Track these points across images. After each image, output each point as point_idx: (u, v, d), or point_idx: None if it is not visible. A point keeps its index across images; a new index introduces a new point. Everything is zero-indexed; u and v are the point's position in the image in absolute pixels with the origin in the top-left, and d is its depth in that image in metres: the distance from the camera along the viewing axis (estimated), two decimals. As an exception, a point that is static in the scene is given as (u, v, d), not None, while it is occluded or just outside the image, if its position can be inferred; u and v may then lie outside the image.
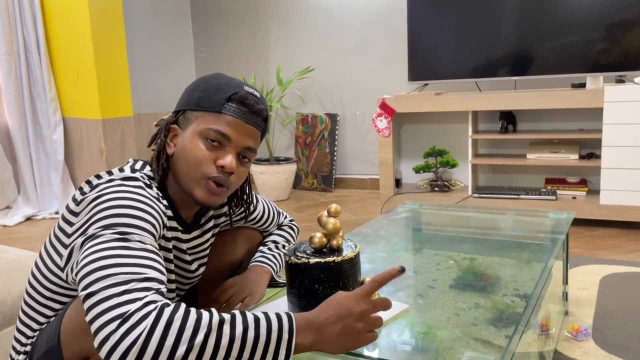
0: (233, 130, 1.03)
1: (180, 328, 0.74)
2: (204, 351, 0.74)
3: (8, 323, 1.39)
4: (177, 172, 1.06)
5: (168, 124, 1.09)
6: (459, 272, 1.38)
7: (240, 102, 1.04)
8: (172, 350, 0.73)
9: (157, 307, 0.75)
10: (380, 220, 1.93)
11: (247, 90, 1.06)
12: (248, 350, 0.77)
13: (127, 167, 1.04)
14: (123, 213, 0.88)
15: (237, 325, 0.78)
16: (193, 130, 1.04)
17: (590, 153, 3.17)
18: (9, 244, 2.88)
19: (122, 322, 0.74)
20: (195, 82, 1.10)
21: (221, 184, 1.04)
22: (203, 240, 1.19)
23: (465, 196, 3.36)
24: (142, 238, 0.87)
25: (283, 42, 4.51)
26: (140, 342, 0.72)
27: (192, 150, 1.03)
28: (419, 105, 3.39)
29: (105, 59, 3.65)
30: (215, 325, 0.76)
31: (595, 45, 3.05)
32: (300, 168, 4.43)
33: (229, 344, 0.76)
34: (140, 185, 0.97)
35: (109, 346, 0.73)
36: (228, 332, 0.76)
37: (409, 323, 1.07)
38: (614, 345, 1.66)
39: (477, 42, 3.35)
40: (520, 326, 1.04)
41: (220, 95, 1.04)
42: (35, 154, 3.76)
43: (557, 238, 1.64)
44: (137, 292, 0.77)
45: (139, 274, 0.80)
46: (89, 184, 0.99)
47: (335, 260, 0.99)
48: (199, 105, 1.05)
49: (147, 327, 0.73)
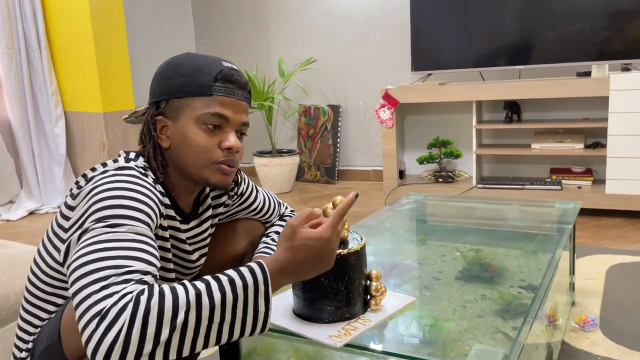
0: (229, 109, 1.02)
1: (160, 313, 0.74)
2: (187, 327, 0.76)
3: (11, 318, 1.39)
4: (180, 163, 1.05)
5: (153, 117, 1.05)
6: (465, 263, 1.36)
7: (227, 80, 1.02)
8: (155, 336, 0.73)
9: (132, 297, 0.75)
10: (384, 211, 1.92)
11: (227, 66, 1.04)
12: (229, 313, 0.79)
13: (121, 158, 1.02)
14: (116, 204, 0.87)
15: (214, 294, 0.78)
16: (188, 119, 1.02)
17: (595, 142, 3.14)
18: (12, 238, 2.88)
19: (100, 319, 0.73)
20: (167, 68, 1.05)
21: (231, 164, 1.05)
22: (202, 230, 1.18)
23: (470, 187, 3.34)
24: (133, 228, 0.85)
25: (285, 34, 4.48)
26: (122, 337, 0.72)
27: (194, 139, 1.01)
28: (422, 96, 3.37)
29: (106, 51, 3.63)
30: (193, 300, 0.77)
31: (600, 33, 3.01)
32: (303, 160, 4.42)
33: (210, 313, 0.77)
34: (135, 174, 0.96)
35: (92, 345, 0.73)
36: (207, 303, 0.77)
37: (416, 315, 1.06)
38: (621, 336, 1.65)
39: (480, 31, 3.32)
40: (529, 317, 1.02)
41: (205, 77, 1.01)
42: (37, 148, 3.75)
43: (564, 228, 1.62)
44: (115, 286, 0.76)
45: (121, 267, 0.79)
46: (84, 177, 0.98)
47: (342, 252, 0.97)
48: (184, 92, 1.02)
49: (125, 320, 0.73)
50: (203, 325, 0.77)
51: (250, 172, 4.48)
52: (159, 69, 1.08)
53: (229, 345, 1.10)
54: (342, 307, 0.99)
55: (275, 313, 1.05)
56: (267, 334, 1.07)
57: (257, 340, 1.14)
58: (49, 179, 3.81)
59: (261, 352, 1.17)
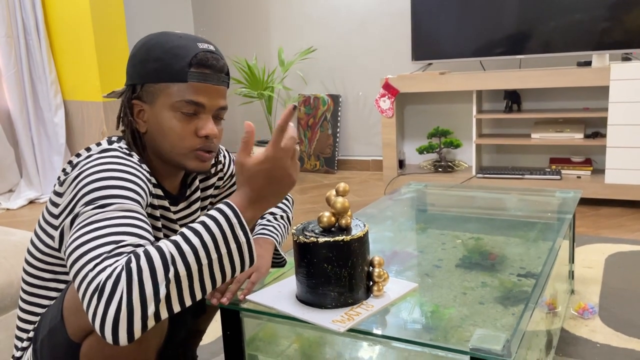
0: (204, 96, 1.00)
1: (152, 271, 0.76)
2: (179, 277, 0.77)
3: (15, 305, 1.40)
4: (158, 148, 1.03)
5: (129, 100, 1.04)
6: (465, 251, 1.37)
7: (203, 64, 0.99)
8: (154, 295, 0.75)
9: (122, 266, 0.76)
10: (385, 200, 1.93)
11: (203, 49, 1.00)
12: (213, 251, 0.80)
13: (104, 141, 1.02)
14: (102, 185, 0.88)
15: (190, 238, 0.80)
16: (163, 105, 1.00)
17: (595, 132, 3.14)
18: (12, 227, 2.88)
19: (99, 295, 0.75)
20: (141, 50, 1.01)
21: (208, 150, 1.04)
22: (191, 212, 1.18)
23: (469, 177, 3.35)
24: (122, 205, 0.86)
25: (284, 23, 4.46)
26: (124, 306, 0.74)
27: (170, 128, 1.00)
28: (422, 85, 3.36)
29: (106, 40, 3.62)
30: (174, 250, 0.78)
31: (601, 22, 3.01)
32: (303, 150, 4.42)
33: (195, 256, 0.79)
34: (119, 155, 0.95)
35: (98, 322, 0.74)
36: (188, 248, 0.79)
37: (418, 302, 1.07)
38: (620, 323, 1.66)
39: (481, 20, 3.31)
40: (531, 304, 1.03)
41: (179, 62, 0.98)
42: (36, 137, 3.74)
43: (564, 217, 1.63)
44: (108, 260, 0.78)
45: (112, 243, 0.80)
46: (70, 164, 0.98)
47: (345, 239, 0.98)
48: (159, 77, 0.99)
49: (123, 289, 0.74)
50: (194, 270, 0.78)
51: (250, 161, 4.48)
52: (134, 49, 1.04)
53: (232, 330, 1.11)
54: (345, 292, 1.00)
55: (278, 299, 1.06)
56: (270, 319, 1.08)
57: (260, 326, 1.15)
58: (49, 168, 3.80)
59: (264, 337, 1.18)
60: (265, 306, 1.04)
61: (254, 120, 4.62)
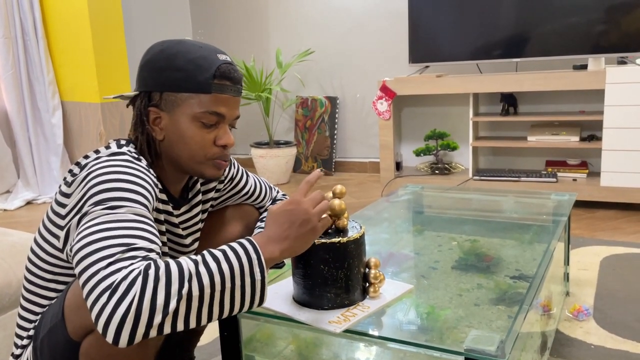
0: (225, 107, 1.03)
1: (167, 284, 0.77)
2: (192, 295, 0.78)
3: (13, 305, 1.40)
4: (175, 156, 1.05)
5: (146, 107, 1.04)
6: (461, 253, 1.38)
7: (225, 77, 1.02)
8: (164, 306, 0.76)
9: (140, 271, 0.77)
10: (382, 202, 1.94)
11: (223, 60, 1.02)
12: (228, 280, 0.82)
13: (113, 144, 1.03)
14: (113, 187, 0.89)
15: (209, 262, 0.82)
16: (183, 114, 1.01)
17: (591, 135, 3.16)
18: (10, 228, 2.88)
19: (111, 293, 0.76)
20: (160, 58, 1.01)
21: (225, 159, 1.08)
22: (192, 215, 1.20)
23: (466, 179, 3.37)
24: (132, 209, 0.87)
25: (282, 25, 4.47)
26: (133, 310, 0.75)
27: (191, 137, 1.02)
28: (419, 88, 3.38)
29: (104, 41, 3.62)
30: (193, 269, 0.80)
31: (596, 26, 3.03)
32: (300, 152, 4.43)
33: (210, 280, 0.80)
34: (128, 159, 0.97)
35: (103, 319, 0.75)
36: (205, 271, 0.80)
37: (413, 303, 1.08)
38: (614, 325, 1.67)
39: (478, 23, 3.33)
40: (525, 305, 1.04)
41: (203, 74, 0.99)
42: (34, 138, 3.74)
43: (559, 219, 1.64)
44: (122, 262, 0.79)
45: (125, 245, 0.81)
46: (78, 165, 1.00)
47: (341, 240, 0.99)
48: (181, 87, 1.00)
49: (136, 293, 0.75)
50: (206, 293, 0.80)
51: (248, 163, 4.49)
52: (150, 55, 1.03)
53: (230, 331, 1.12)
54: (341, 294, 1.01)
55: (275, 300, 1.07)
56: (267, 320, 1.09)
57: (257, 326, 1.16)
58: (46, 169, 3.80)
59: (261, 338, 1.19)
60: (262, 307, 1.05)
61: (252, 122, 4.63)
